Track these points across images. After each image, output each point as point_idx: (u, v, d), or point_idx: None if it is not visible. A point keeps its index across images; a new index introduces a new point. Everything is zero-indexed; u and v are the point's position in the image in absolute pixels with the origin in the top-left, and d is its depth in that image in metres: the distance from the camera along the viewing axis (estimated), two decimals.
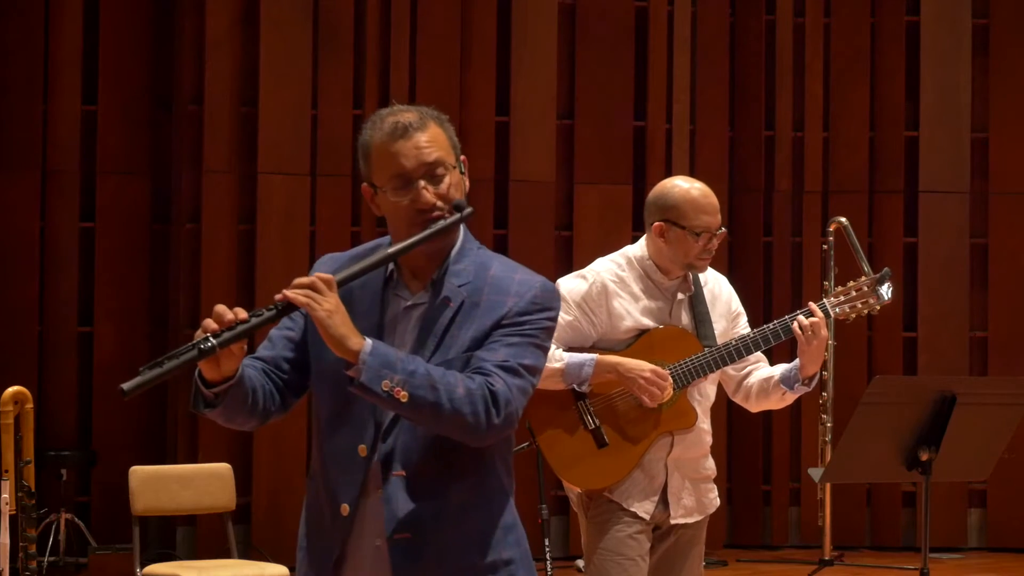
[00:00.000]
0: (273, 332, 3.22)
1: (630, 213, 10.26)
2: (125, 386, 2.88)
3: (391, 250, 3.12)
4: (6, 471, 5.84)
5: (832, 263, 9.23)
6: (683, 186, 4.77)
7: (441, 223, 3.14)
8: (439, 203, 3.15)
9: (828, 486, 9.43)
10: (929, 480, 4.84)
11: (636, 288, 4.77)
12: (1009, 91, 10.72)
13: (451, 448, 3.12)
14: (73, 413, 9.71)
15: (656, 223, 4.72)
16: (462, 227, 3.22)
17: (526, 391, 3.14)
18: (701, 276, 4.86)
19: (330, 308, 3.00)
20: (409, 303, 3.18)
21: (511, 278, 3.19)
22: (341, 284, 3.04)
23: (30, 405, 6.00)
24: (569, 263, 9.59)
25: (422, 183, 3.14)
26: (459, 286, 3.16)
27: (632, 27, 10.48)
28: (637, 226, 10.10)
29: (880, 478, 6.09)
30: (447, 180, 3.16)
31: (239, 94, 9.80)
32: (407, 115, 3.20)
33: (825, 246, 9.39)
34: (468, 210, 3.18)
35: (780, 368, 4.84)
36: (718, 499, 4.91)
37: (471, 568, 3.16)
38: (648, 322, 4.76)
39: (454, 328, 3.13)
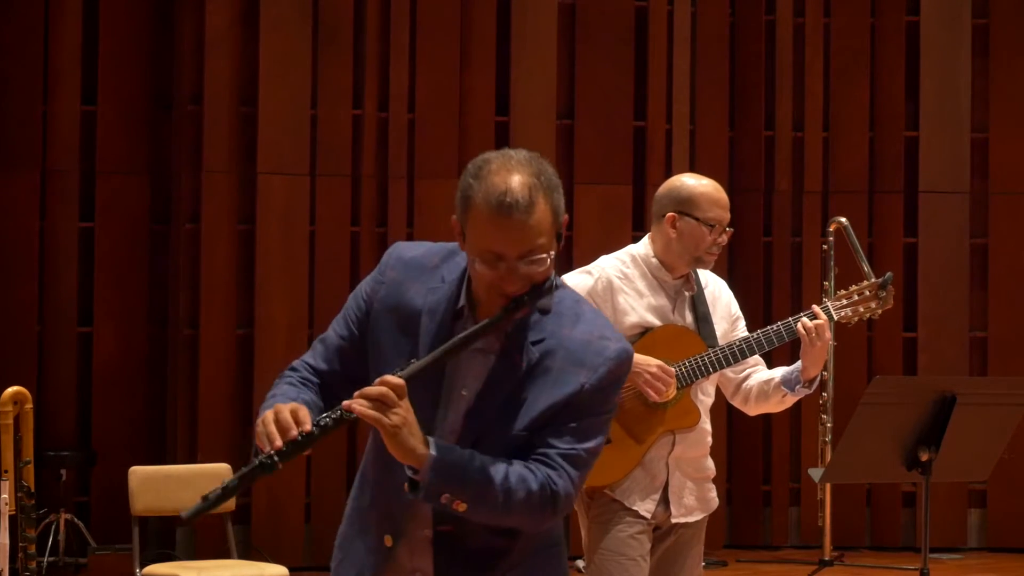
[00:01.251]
0: (328, 340, 3.15)
1: (630, 213, 10.26)
2: (184, 515, 2.87)
3: (467, 334, 2.96)
4: (6, 471, 5.84)
5: (832, 263, 9.23)
6: (697, 180, 4.83)
7: (520, 304, 2.99)
8: (524, 292, 2.99)
9: (828, 486, 9.43)
10: (929, 480, 4.84)
11: (640, 285, 4.79)
12: (1009, 91, 10.72)
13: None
14: (73, 413, 9.71)
15: (669, 214, 4.76)
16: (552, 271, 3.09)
17: (585, 476, 3.07)
18: (701, 278, 4.87)
19: (398, 423, 2.89)
20: (479, 347, 3.03)
21: (587, 343, 3.03)
22: (410, 379, 2.92)
23: (30, 405, 6.00)
24: (569, 263, 9.56)
25: (516, 263, 2.96)
26: (533, 343, 3.02)
27: (632, 27, 10.48)
28: (637, 226, 10.10)
29: (880, 478, 6.08)
30: (542, 265, 2.99)
31: (239, 94, 9.79)
32: (519, 187, 2.94)
33: (825, 246, 9.39)
34: (542, 298, 3.04)
35: (780, 371, 4.85)
36: (717, 499, 4.93)
37: None
38: (652, 319, 4.77)
39: (522, 391, 3.01)
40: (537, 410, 3.00)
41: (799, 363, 4.79)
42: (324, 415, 2.93)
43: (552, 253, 3.00)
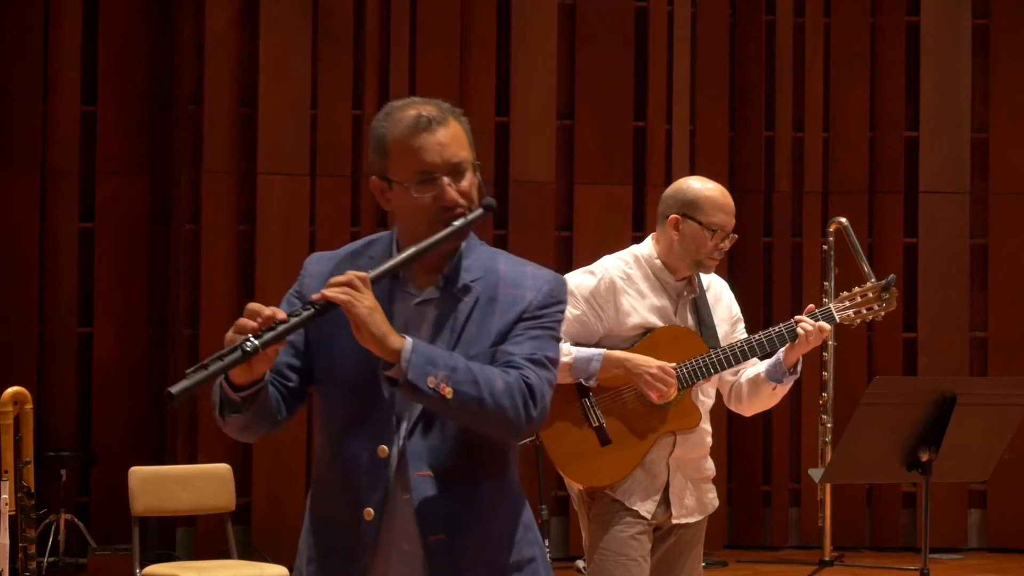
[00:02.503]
0: None
1: (630, 213, 10.26)
2: (173, 389, 2.81)
3: (423, 244, 3.05)
4: (6, 471, 5.84)
5: (832, 263, 9.23)
6: (703, 184, 4.83)
7: (467, 217, 3.11)
8: (462, 200, 3.11)
9: (828, 486, 9.42)
10: (929, 480, 4.84)
11: (643, 286, 4.79)
12: (1009, 91, 10.72)
13: (477, 447, 3.10)
14: (73, 413, 9.71)
15: (672, 216, 4.76)
16: None
17: (552, 383, 3.13)
18: (704, 280, 4.88)
19: (370, 305, 2.94)
20: (419, 300, 3.13)
21: (523, 272, 3.18)
22: (375, 282, 2.98)
23: (30, 405, 6.00)
24: (569, 263, 9.59)
25: (446, 180, 3.10)
26: (472, 281, 3.13)
27: (632, 27, 10.48)
28: (637, 226, 10.10)
29: (880, 478, 6.09)
30: (468, 178, 3.14)
31: (239, 94, 9.80)
32: (428, 108, 3.13)
33: (825, 246, 9.39)
34: (493, 204, 3.16)
35: (763, 365, 4.85)
36: (717, 499, 4.93)
37: (500, 568, 3.14)
38: (654, 320, 4.77)
39: (472, 323, 3.10)
40: (492, 333, 3.10)
41: (780, 354, 4.78)
42: (296, 309, 2.97)
43: (475, 170, 3.14)
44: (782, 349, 4.76)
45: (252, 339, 2.88)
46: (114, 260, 9.83)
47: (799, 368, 4.80)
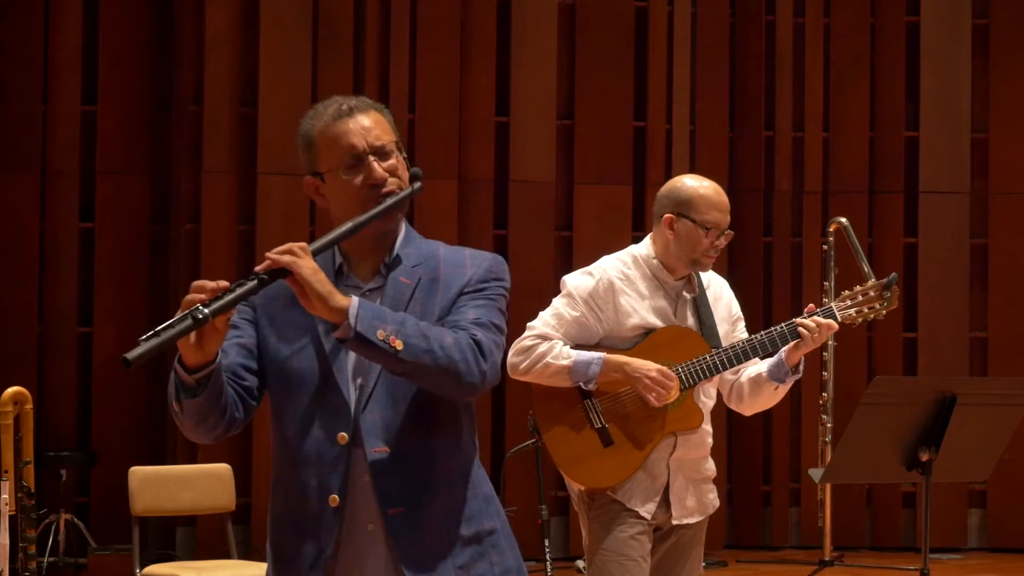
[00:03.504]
0: (224, 343, 3.17)
1: (630, 213, 10.26)
2: (129, 355, 2.88)
3: (360, 219, 3.12)
4: (6, 471, 5.84)
5: (832, 263, 9.23)
6: (697, 182, 4.82)
7: (401, 193, 3.18)
8: (390, 178, 3.18)
9: (828, 487, 9.43)
10: (929, 480, 4.84)
11: (642, 287, 4.79)
12: (1009, 91, 10.73)
13: (430, 419, 3.15)
14: (73, 413, 9.71)
15: (666, 215, 4.76)
16: (403, 220, 3.27)
17: (500, 347, 3.18)
18: (704, 279, 4.87)
19: (313, 267, 2.99)
20: (365, 289, 3.20)
21: (462, 253, 3.26)
22: (315, 254, 3.04)
23: (30, 405, 5.99)
24: (569, 263, 9.59)
25: (372, 158, 3.17)
26: (413, 266, 3.21)
27: (632, 27, 10.48)
28: (637, 226, 10.10)
29: (880, 478, 6.08)
30: (394, 159, 3.20)
31: (239, 94, 9.80)
32: (349, 100, 3.24)
33: (825, 246, 9.39)
34: (419, 181, 3.22)
35: (765, 364, 4.84)
36: (718, 500, 4.93)
37: (461, 539, 3.17)
38: (654, 320, 4.77)
39: (415, 303, 3.17)
40: (436, 310, 3.17)
41: (781, 354, 4.78)
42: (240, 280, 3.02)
43: (400, 153, 3.22)
44: (784, 348, 4.76)
45: (202, 308, 2.93)
46: (114, 260, 9.83)
47: (801, 368, 4.80)
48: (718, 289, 4.93)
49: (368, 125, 3.20)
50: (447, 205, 9.88)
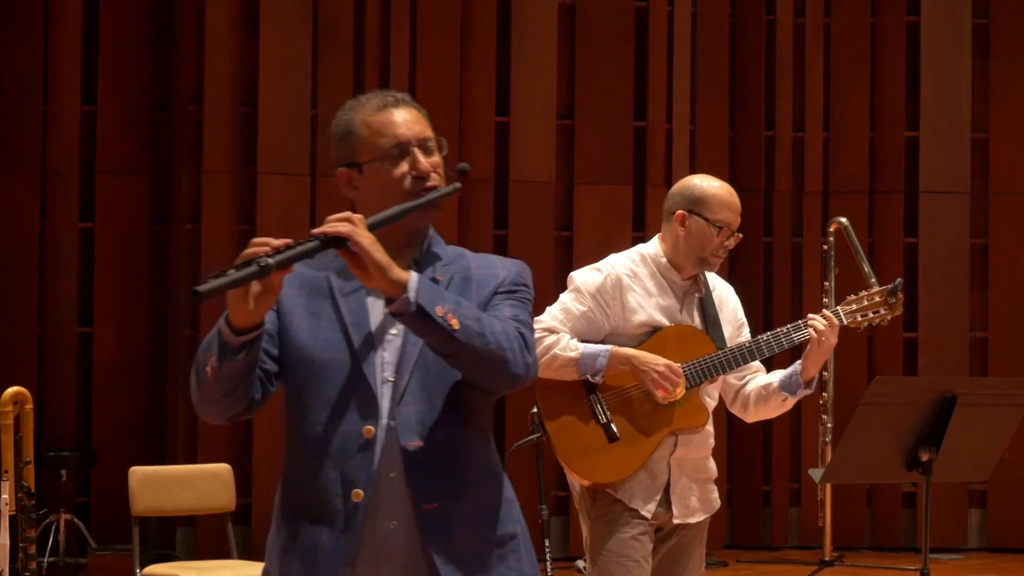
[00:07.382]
0: None
1: (630, 213, 10.26)
2: (200, 288, 2.85)
3: (406, 205, 3.06)
4: (6, 472, 5.84)
5: (832, 263, 9.24)
6: (711, 182, 4.85)
7: (446, 189, 3.13)
8: (433, 173, 3.13)
9: (828, 487, 9.43)
10: (929, 480, 4.84)
11: (649, 284, 4.80)
12: (1009, 91, 10.73)
13: (463, 415, 3.10)
14: (73, 413, 9.71)
15: (679, 211, 4.78)
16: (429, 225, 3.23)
17: (533, 346, 3.14)
18: (710, 281, 4.89)
19: (371, 237, 2.93)
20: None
21: (491, 257, 3.23)
22: (371, 228, 2.98)
23: (30, 405, 6.00)
24: (569, 263, 9.59)
25: (417, 150, 3.12)
26: (444, 265, 3.16)
27: (632, 27, 10.48)
28: (637, 226, 10.09)
29: (880, 478, 6.08)
30: (437, 156, 3.16)
31: (239, 94, 9.80)
32: (393, 94, 3.20)
33: (825, 246, 9.40)
34: (467, 168, 3.20)
35: (778, 374, 4.85)
36: (719, 499, 4.93)
37: (486, 541, 3.13)
38: (661, 318, 4.78)
39: None
40: (475, 303, 3.11)
41: (796, 365, 4.79)
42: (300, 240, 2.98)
43: (441, 152, 3.16)
44: (798, 363, 4.77)
45: (267, 258, 2.91)
46: (114, 260, 9.83)
47: (814, 384, 4.82)
48: (724, 293, 4.95)
49: (413, 118, 3.15)
50: (447, 205, 9.86)
